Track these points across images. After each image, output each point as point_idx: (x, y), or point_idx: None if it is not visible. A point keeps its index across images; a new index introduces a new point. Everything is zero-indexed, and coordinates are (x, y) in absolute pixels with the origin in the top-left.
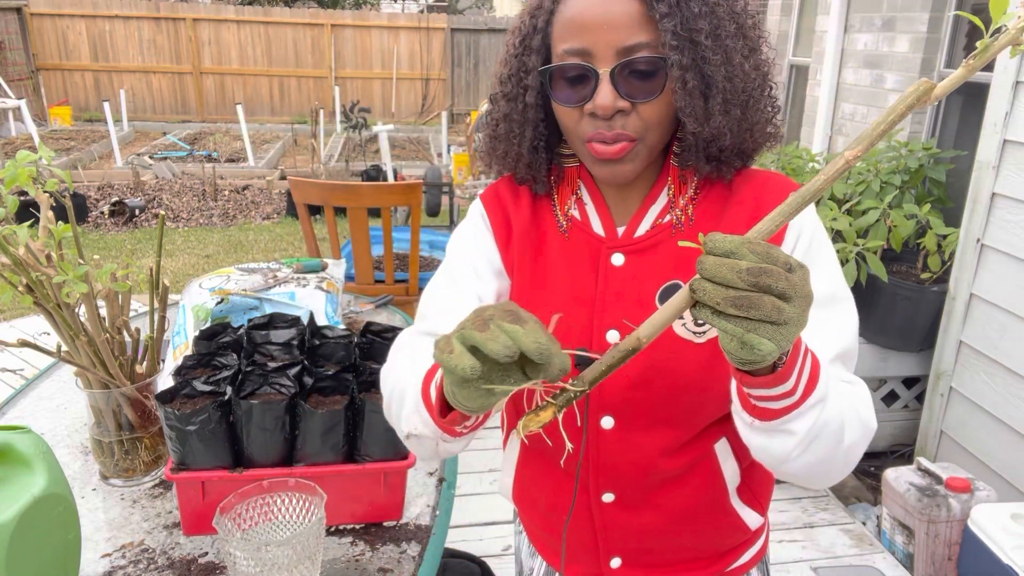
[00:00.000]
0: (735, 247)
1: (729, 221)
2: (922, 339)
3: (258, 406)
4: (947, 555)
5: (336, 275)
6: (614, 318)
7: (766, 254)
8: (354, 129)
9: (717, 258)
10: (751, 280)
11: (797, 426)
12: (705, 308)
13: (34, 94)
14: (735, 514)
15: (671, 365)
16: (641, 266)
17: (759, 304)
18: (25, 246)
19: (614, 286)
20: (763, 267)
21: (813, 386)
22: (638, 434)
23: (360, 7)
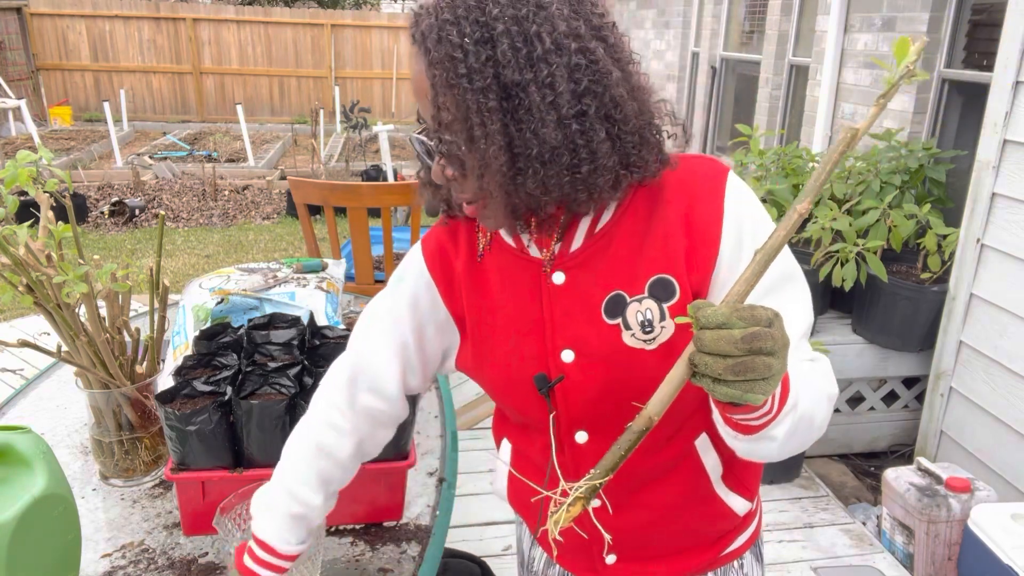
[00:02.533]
0: (725, 318)
1: (659, 223)
2: (922, 339)
3: (258, 406)
4: (947, 555)
5: (336, 275)
6: (565, 338)
7: (751, 317)
8: (354, 129)
9: (712, 331)
10: (745, 347)
11: (777, 432)
12: (705, 378)
13: (34, 94)
14: (721, 502)
15: (629, 375)
16: (582, 280)
17: (754, 367)
18: (25, 246)
19: (560, 305)
20: (753, 332)
21: (786, 396)
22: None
23: (360, 7)
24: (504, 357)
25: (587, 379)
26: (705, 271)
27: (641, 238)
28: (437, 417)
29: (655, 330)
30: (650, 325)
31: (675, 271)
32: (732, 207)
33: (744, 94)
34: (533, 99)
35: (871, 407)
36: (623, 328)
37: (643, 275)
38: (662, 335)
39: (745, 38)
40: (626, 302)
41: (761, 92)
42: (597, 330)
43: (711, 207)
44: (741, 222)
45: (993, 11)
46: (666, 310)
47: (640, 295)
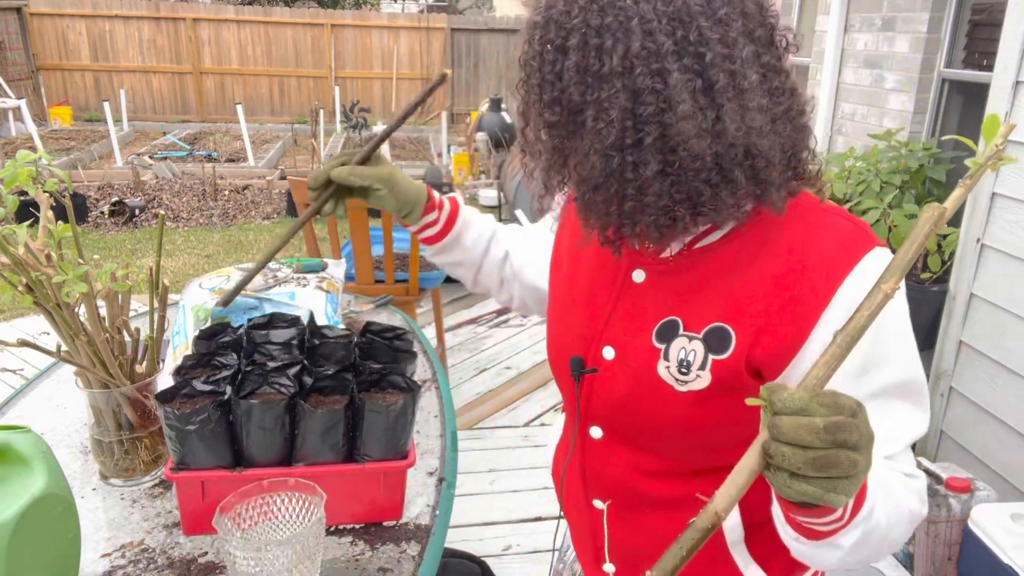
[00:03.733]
0: (805, 404)
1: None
2: (922, 339)
3: (258, 406)
4: (947, 555)
5: (336, 275)
6: (613, 335)
7: (834, 404)
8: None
9: (791, 418)
10: (828, 439)
11: (844, 541)
12: (781, 472)
13: (34, 94)
14: (735, 567)
15: (648, 404)
16: (655, 290)
17: (837, 462)
18: (25, 246)
19: (626, 303)
20: (837, 422)
21: (860, 505)
22: (623, 450)
23: (360, 7)
24: (560, 325)
25: (614, 383)
26: (781, 348)
27: (728, 275)
28: (437, 417)
29: (690, 374)
30: (687, 368)
31: (740, 328)
32: (852, 294)
33: None
34: (587, 121)
35: None
36: (662, 357)
37: (708, 315)
38: (695, 383)
39: None
40: (678, 333)
41: None
42: (641, 345)
43: (821, 285)
44: None
45: (993, 11)
46: (710, 361)
47: (694, 333)
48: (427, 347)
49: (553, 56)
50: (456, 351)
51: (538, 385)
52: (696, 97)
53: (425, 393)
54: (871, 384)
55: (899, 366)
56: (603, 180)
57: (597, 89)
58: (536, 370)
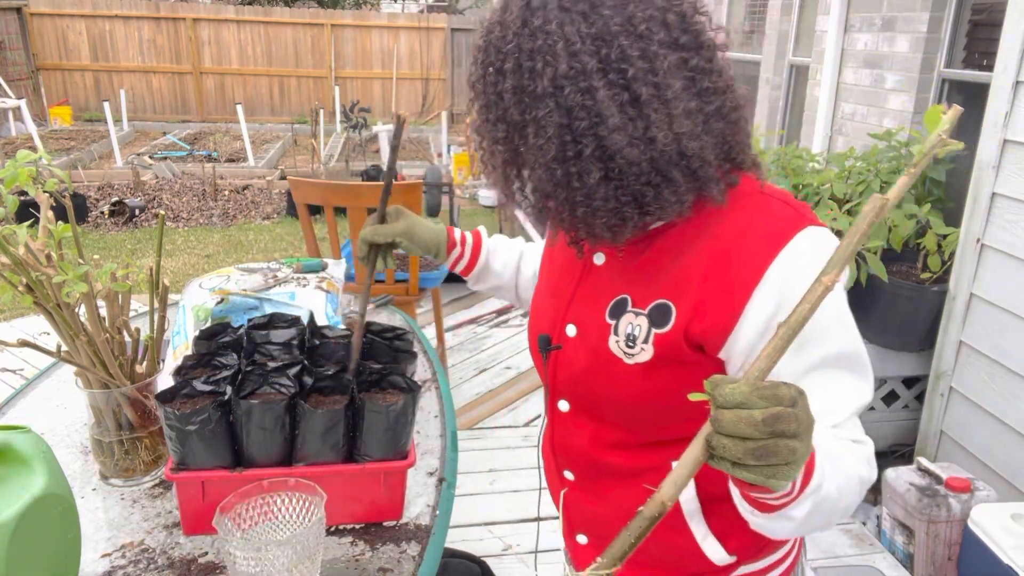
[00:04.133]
0: (744, 397)
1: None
2: (922, 339)
3: (258, 406)
4: (947, 555)
5: (336, 275)
6: (575, 314)
7: (773, 396)
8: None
9: (732, 411)
10: (766, 430)
11: (796, 512)
12: (724, 461)
13: (34, 94)
14: (691, 538)
15: (605, 377)
16: (611, 270)
17: (776, 451)
18: (25, 246)
19: (588, 283)
20: (775, 412)
21: (808, 478)
22: (587, 423)
23: (360, 7)
24: (536, 307)
25: (575, 358)
26: (717, 324)
27: (673, 257)
28: (437, 417)
29: (636, 347)
30: (633, 341)
31: (679, 304)
32: (783, 271)
33: None
34: (530, 138)
35: (871, 407)
36: (612, 332)
37: (654, 293)
38: (640, 356)
39: (745, 38)
40: (626, 309)
41: (761, 92)
42: (597, 322)
43: (753, 263)
44: (785, 296)
45: (993, 11)
46: (652, 334)
47: (640, 309)
48: (427, 347)
49: (494, 78)
50: (456, 351)
51: (538, 385)
52: (624, 110)
53: (425, 393)
54: (809, 357)
55: (836, 339)
56: (552, 190)
57: (534, 108)
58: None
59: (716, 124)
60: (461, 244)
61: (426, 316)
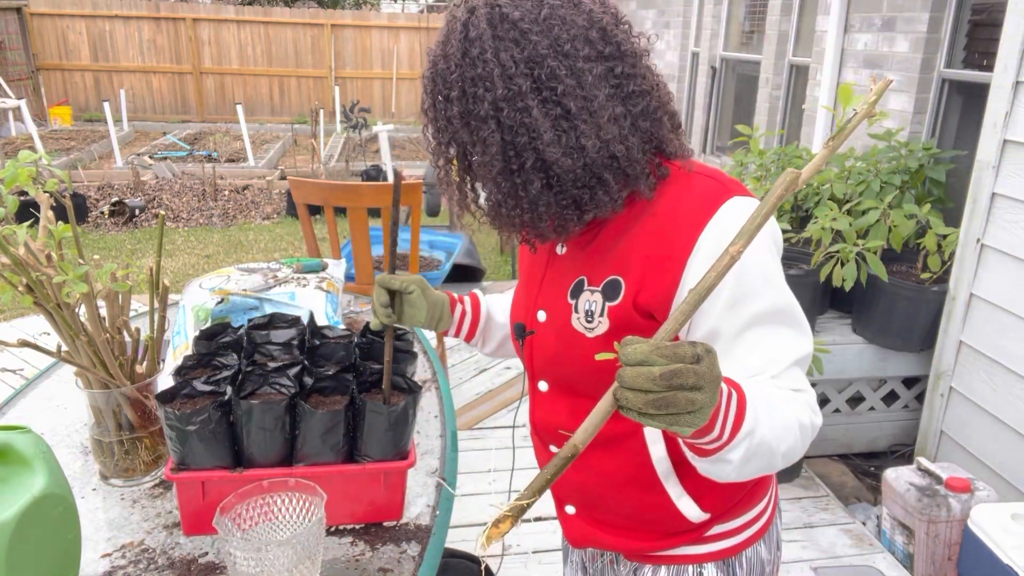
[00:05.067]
0: (645, 356)
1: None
2: (922, 339)
3: (258, 406)
4: (947, 555)
5: (336, 275)
6: (543, 300)
7: (673, 355)
8: (354, 129)
9: (632, 368)
10: (664, 384)
11: (731, 456)
12: (631, 411)
13: (34, 94)
14: (667, 498)
15: (569, 352)
16: (571, 258)
17: (674, 402)
18: (25, 246)
19: (552, 272)
20: (672, 369)
21: (739, 424)
22: (565, 399)
23: (360, 7)
24: (514, 299)
25: (547, 341)
26: (661, 291)
27: (617, 238)
28: (437, 417)
29: (594, 321)
30: (591, 316)
31: (627, 277)
32: (712, 238)
33: (744, 94)
34: (474, 157)
35: (871, 407)
36: (573, 310)
37: (605, 271)
38: (599, 328)
39: (745, 38)
40: (583, 288)
41: (761, 92)
42: (560, 304)
43: (686, 232)
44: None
45: (993, 11)
46: (606, 308)
47: (595, 287)
48: (427, 347)
49: (443, 105)
50: (456, 351)
51: None
52: (557, 124)
53: (425, 393)
54: (742, 315)
55: (766, 296)
56: (502, 199)
57: (479, 129)
58: None
59: (643, 123)
60: (461, 303)
61: None
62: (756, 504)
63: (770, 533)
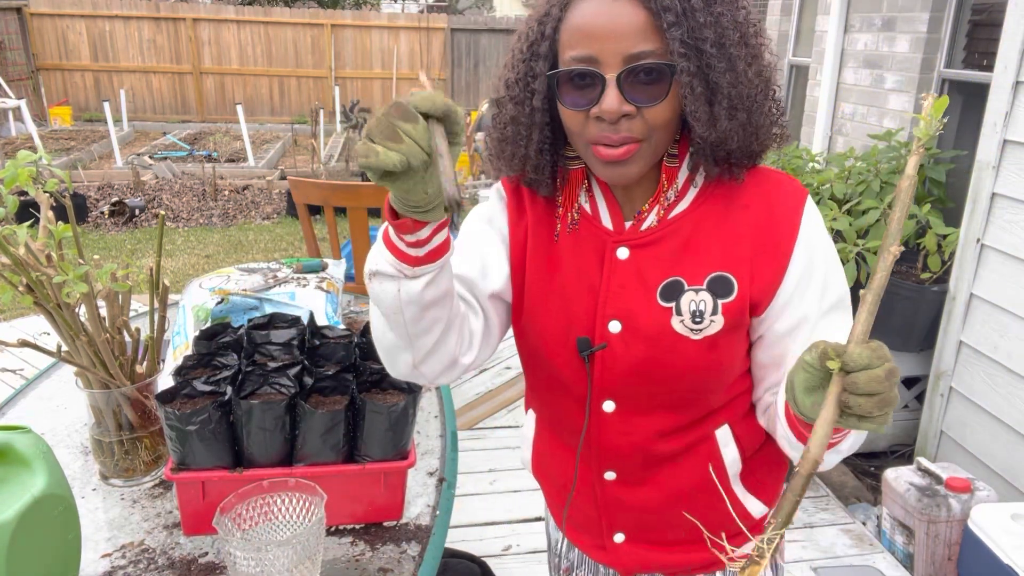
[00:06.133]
0: (869, 360)
1: (732, 224)
2: (922, 339)
3: (258, 406)
4: (947, 555)
5: (336, 275)
6: (616, 308)
7: (883, 354)
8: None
9: (864, 373)
10: (888, 384)
11: (843, 446)
12: (852, 417)
13: (34, 94)
14: (737, 500)
15: (670, 358)
16: (644, 260)
17: (892, 399)
18: (25, 246)
19: (618, 278)
20: (891, 368)
21: None
22: (638, 417)
23: (360, 7)
24: (555, 313)
25: (628, 352)
26: (769, 282)
27: (710, 233)
28: (437, 417)
29: (704, 321)
30: (700, 316)
31: (737, 272)
32: (808, 230)
33: None
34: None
35: None
36: (674, 313)
37: (705, 268)
38: (709, 328)
39: None
40: (683, 289)
41: None
42: (649, 309)
43: (788, 223)
44: (814, 247)
45: (993, 11)
46: (720, 305)
47: (698, 286)
48: None
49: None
50: None
51: None
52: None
53: (425, 393)
54: (829, 299)
55: (840, 282)
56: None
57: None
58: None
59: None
60: None
61: None
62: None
63: None
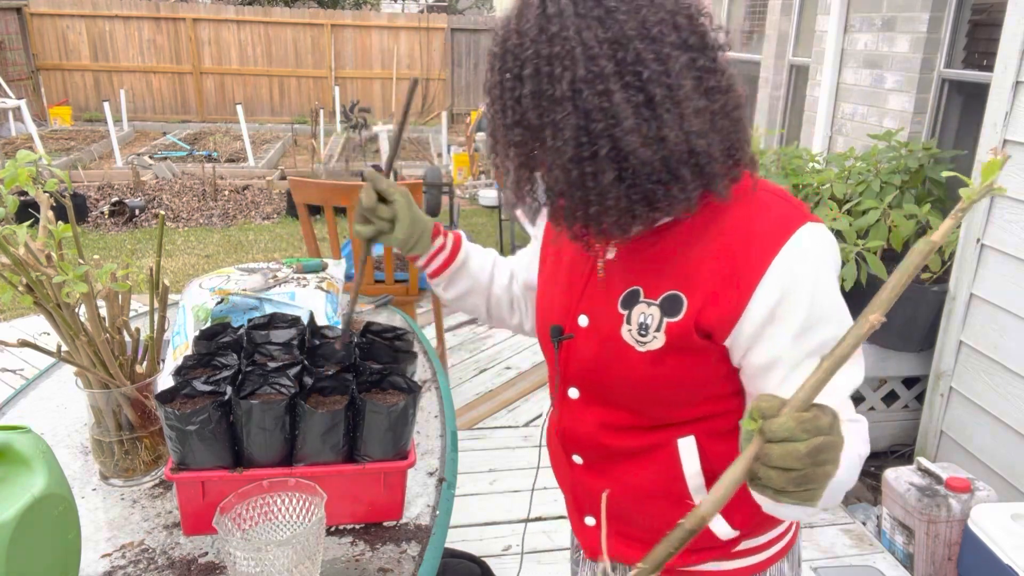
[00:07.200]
0: (790, 433)
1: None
2: (922, 339)
3: (258, 406)
4: (947, 555)
5: (336, 275)
6: (587, 304)
7: (815, 428)
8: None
9: (780, 445)
10: (808, 461)
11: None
12: (767, 488)
13: (34, 94)
14: None
15: (616, 363)
16: (623, 264)
17: (814, 478)
18: (25, 246)
19: (598, 277)
20: (817, 444)
21: None
22: (597, 408)
23: (360, 7)
24: (544, 301)
25: (586, 347)
26: (725, 312)
27: (681, 251)
28: (437, 417)
29: (648, 336)
30: (646, 330)
31: (690, 295)
32: (783, 267)
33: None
34: (547, 140)
35: (871, 407)
36: (625, 321)
37: (665, 284)
38: (652, 343)
39: (745, 38)
40: (638, 300)
41: (761, 92)
42: (608, 312)
43: (758, 257)
44: (795, 286)
45: (993, 11)
46: (664, 323)
47: (652, 300)
48: (427, 347)
49: (511, 84)
50: (456, 351)
51: (538, 385)
52: (639, 111)
53: (425, 393)
54: (811, 342)
55: (834, 324)
56: (567, 189)
57: (552, 112)
58: (536, 370)
59: (721, 122)
60: (444, 236)
61: (426, 316)
62: (783, 521)
63: (794, 550)
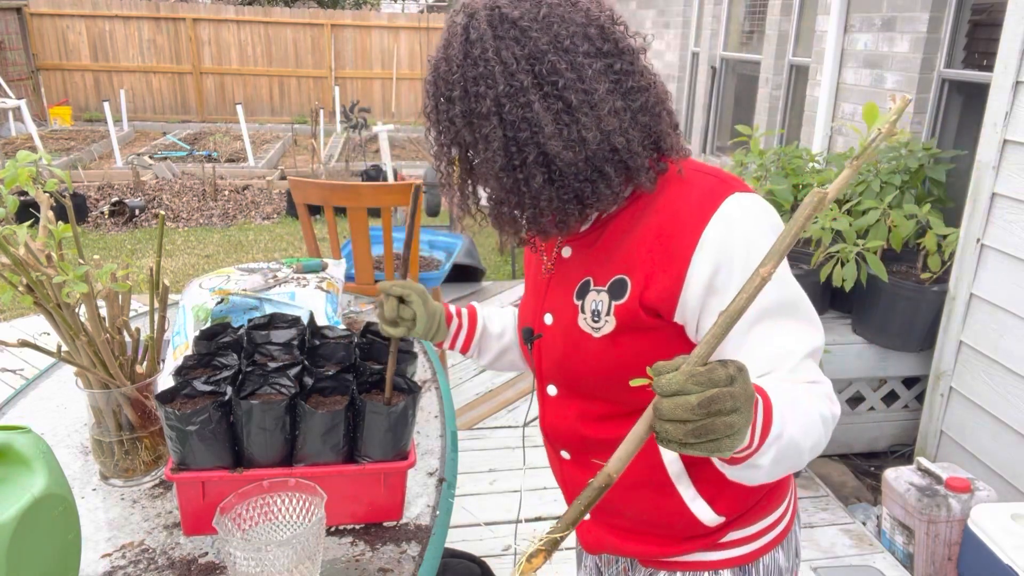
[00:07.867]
0: (680, 386)
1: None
2: (922, 339)
3: (258, 406)
4: (947, 555)
5: (336, 275)
6: (550, 303)
7: (708, 380)
8: (354, 129)
9: (669, 399)
10: (702, 412)
11: (761, 461)
12: (670, 442)
13: (34, 94)
14: (680, 502)
15: (576, 354)
16: (577, 259)
17: (713, 429)
18: (25, 246)
19: (558, 275)
20: (710, 395)
21: (768, 430)
22: (575, 402)
23: (360, 7)
24: (522, 305)
25: (553, 344)
26: (666, 287)
27: (623, 238)
28: (437, 417)
29: (601, 321)
30: (598, 316)
31: (633, 276)
32: (716, 235)
33: (744, 94)
34: (480, 153)
35: (871, 407)
36: (580, 311)
37: (611, 271)
38: (605, 327)
39: (745, 38)
40: (589, 289)
41: (761, 92)
42: (567, 305)
43: (688, 233)
44: (729, 251)
45: (993, 11)
46: (613, 307)
47: (601, 287)
48: (427, 347)
49: (445, 107)
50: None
51: None
52: (559, 117)
53: (425, 393)
54: (755, 307)
55: (773, 289)
56: (504, 196)
57: (481, 127)
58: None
59: (642, 118)
60: (458, 316)
61: None
62: (774, 510)
63: (789, 540)
